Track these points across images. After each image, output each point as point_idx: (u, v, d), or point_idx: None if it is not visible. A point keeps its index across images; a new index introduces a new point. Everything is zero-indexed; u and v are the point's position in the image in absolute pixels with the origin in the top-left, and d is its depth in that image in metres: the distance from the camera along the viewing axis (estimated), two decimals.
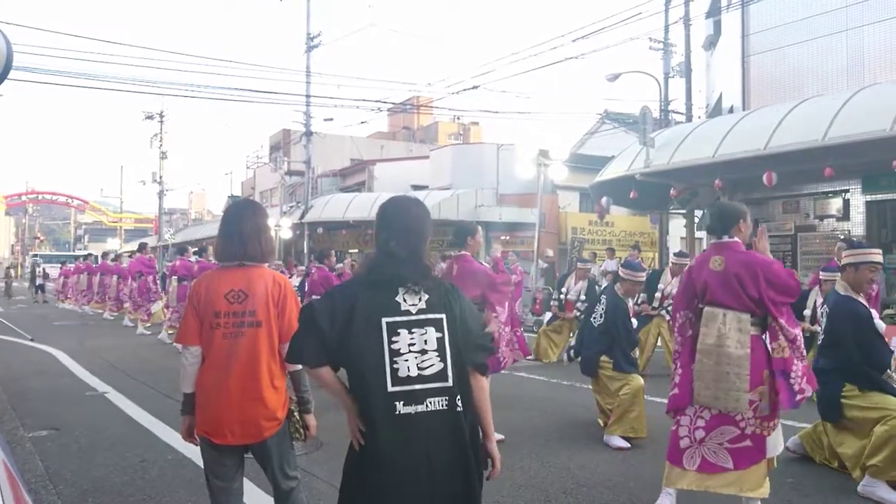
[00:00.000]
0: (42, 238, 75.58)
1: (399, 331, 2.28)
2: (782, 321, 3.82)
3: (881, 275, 7.96)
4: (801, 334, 3.90)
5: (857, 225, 13.56)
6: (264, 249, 3.04)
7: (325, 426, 5.90)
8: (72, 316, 20.13)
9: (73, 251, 66.89)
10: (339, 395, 2.39)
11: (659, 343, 9.56)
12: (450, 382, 2.29)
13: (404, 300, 2.32)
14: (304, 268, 13.80)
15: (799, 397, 3.80)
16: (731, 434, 3.82)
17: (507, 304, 5.86)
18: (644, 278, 6.40)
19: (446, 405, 2.27)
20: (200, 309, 2.96)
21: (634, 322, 6.61)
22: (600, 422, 6.05)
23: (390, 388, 2.23)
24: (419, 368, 2.27)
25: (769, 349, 3.87)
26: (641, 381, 5.85)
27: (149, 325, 15.15)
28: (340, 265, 14.40)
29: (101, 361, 10.35)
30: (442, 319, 2.33)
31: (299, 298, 3.59)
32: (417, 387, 2.25)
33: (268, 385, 2.93)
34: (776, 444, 3.97)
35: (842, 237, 12.19)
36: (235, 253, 3.01)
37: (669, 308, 9.41)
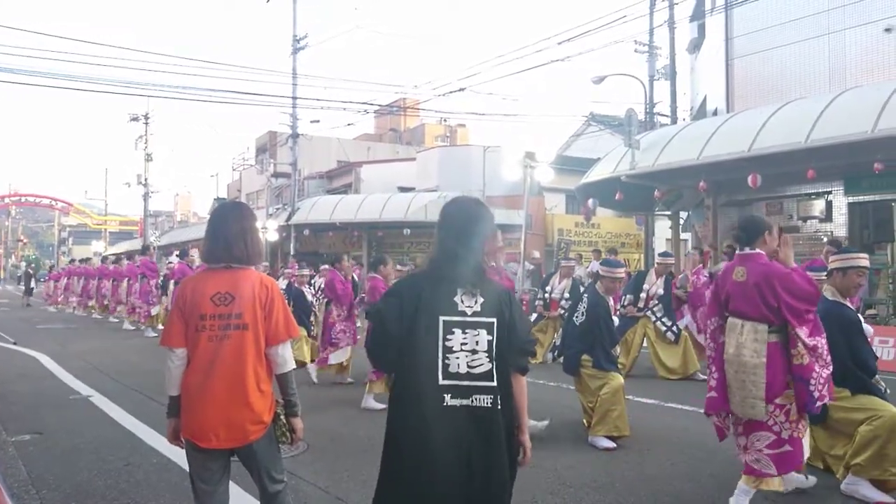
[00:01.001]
0: (25, 241, 74.78)
1: (454, 330, 2.48)
2: (798, 330, 3.95)
3: None
4: (822, 343, 4.02)
5: (839, 226, 13.71)
6: (250, 251, 3.02)
7: (312, 428, 5.89)
8: (56, 319, 19.96)
9: (57, 254, 66.28)
10: None
11: (644, 344, 9.60)
12: (495, 382, 2.49)
13: (462, 301, 2.51)
14: (290, 270, 13.76)
15: (819, 404, 3.97)
16: (767, 440, 3.97)
17: None
18: (622, 274, 6.44)
19: (490, 403, 2.46)
20: (186, 311, 2.94)
21: (616, 320, 6.64)
22: (585, 422, 6.07)
23: (441, 382, 2.44)
24: (469, 367, 2.47)
25: (790, 355, 4.02)
26: (621, 379, 5.88)
27: (135, 324, 15.14)
28: (326, 266, 14.35)
29: (85, 364, 10.27)
30: (493, 323, 2.51)
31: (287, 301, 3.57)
32: (465, 383, 2.46)
33: (254, 388, 2.92)
34: (806, 446, 4.14)
35: (825, 239, 12.31)
36: (221, 255, 3.00)
37: (655, 309, 9.47)
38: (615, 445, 5.63)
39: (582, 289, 9.21)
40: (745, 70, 16.48)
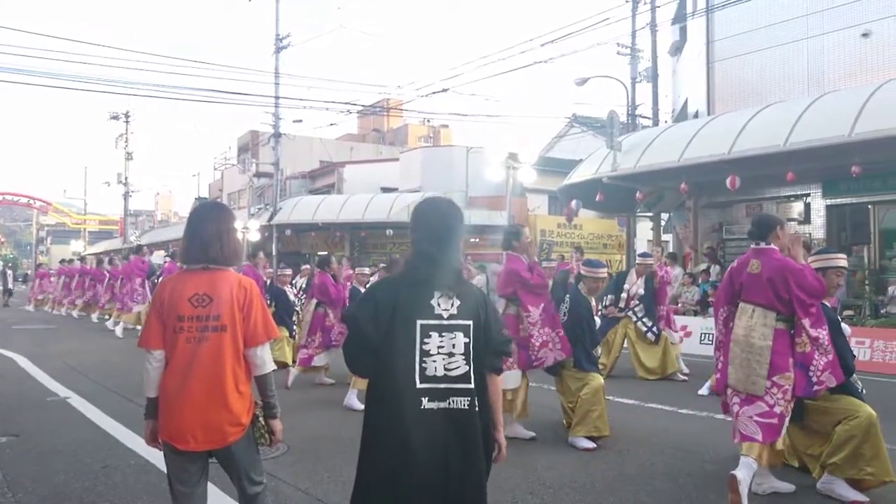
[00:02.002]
0: (3, 240, 73.75)
1: (431, 333, 2.48)
2: (804, 321, 4.31)
3: None
4: (824, 335, 4.34)
5: (817, 228, 13.87)
6: (226, 252, 3.00)
7: (292, 430, 5.87)
8: (34, 319, 19.71)
9: (35, 253, 65.42)
10: None
11: (625, 344, 9.65)
12: (472, 384, 2.50)
13: (438, 304, 2.51)
14: (271, 270, 13.71)
15: (816, 388, 4.32)
16: (760, 409, 4.29)
17: (542, 305, 5.86)
18: (605, 274, 6.50)
19: (467, 405, 2.48)
20: (164, 312, 2.91)
21: (597, 321, 6.67)
22: (565, 422, 6.10)
23: (418, 385, 2.44)
24: (446, 369, 2.48)
25: (793, 342, 4.36)
26: (601, 380, 5.92)
27: (117, 322, 15.06)
28: (307, 266, 14.30)
29: (62, 365, 10.16)
30: (469, 326, 2.53)
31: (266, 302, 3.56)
32: (443, 386, 2.46)
33: (232, 390, 2.90)
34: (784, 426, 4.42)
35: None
36: (197, 255, 2.98)
37: (636, 309, 9.52)
38: (595, 446, 5.65)
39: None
40: (726, 73, 16.62)
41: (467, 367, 2.50)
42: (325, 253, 15.96)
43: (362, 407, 7.21)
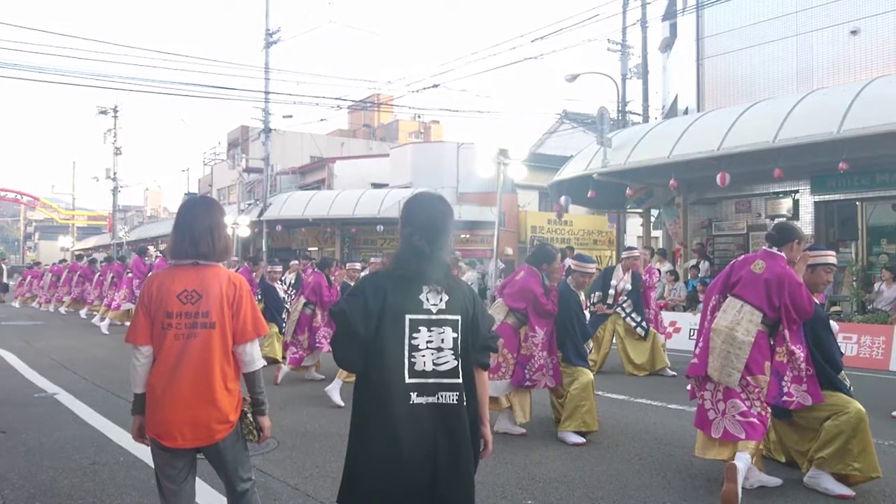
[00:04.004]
0: None
1: (419, 328, 2.49)
2: (787, 332, 4.41)
3: None
4: (799, 352, 4.42)
5: (806, 224, 13.95)
6: (216, 248, 2.98)
7: (281, 425, 5.87)
8: (21, 315, 19.58)
9: (23, 249, 64.98)
10: None
11: (614, 341, 9.66)
12: (460, 379, 2.52)
13: (427, 299, 2.51)
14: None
15: (786, 399, 4.37)
16: (739, 409, 4.34)
17: (546, 329, 5.87)
18: (593, 270, 6.51)
19: (456, 399, 2.50)
20: (152, 308, 2.89)
21: (586, 315, 6.67)
22: (554, 417, 6.12)
23: (407, 380, 2.45)
24: (434, 364, 2.49)
25: (774, 350, 4.46)
26: (590, 375, 5.94)
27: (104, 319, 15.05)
28: (295, 262, 14.23)
29: (50, 362, 10.10)
30: (458, 321, 2.54)
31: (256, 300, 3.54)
32: (431, 381, 2.47)
33: (221, 387, 2.88)
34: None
35: None
36: (187, 251, 2.95)
37: (624, 305, 9.53)
38: (584, 440, 5.68)
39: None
40: (716, 70, 16.68)
41: (456, 362, 2.51)
42: (326, 255, 15.99)
43: (339, 399, 7.26)
